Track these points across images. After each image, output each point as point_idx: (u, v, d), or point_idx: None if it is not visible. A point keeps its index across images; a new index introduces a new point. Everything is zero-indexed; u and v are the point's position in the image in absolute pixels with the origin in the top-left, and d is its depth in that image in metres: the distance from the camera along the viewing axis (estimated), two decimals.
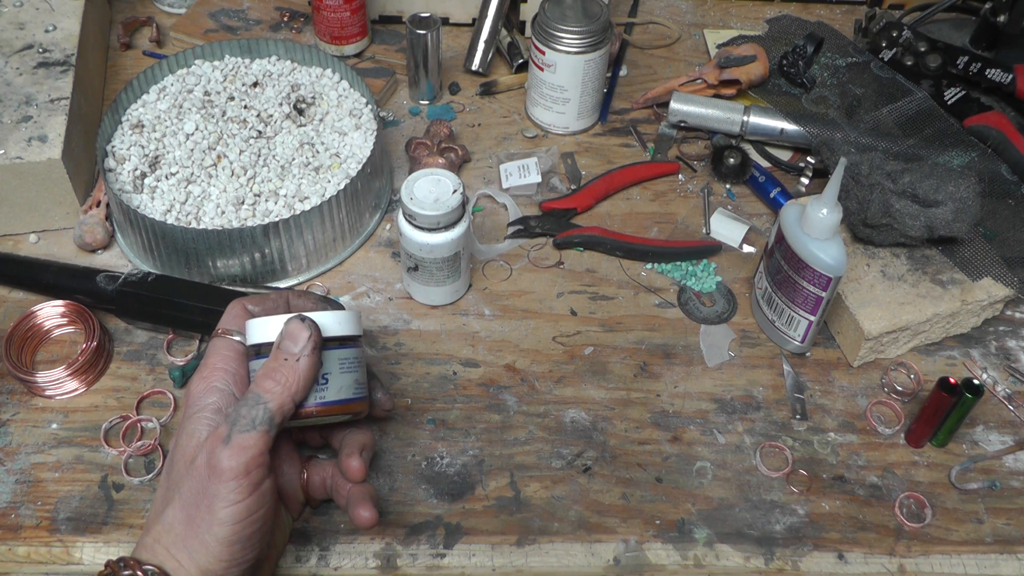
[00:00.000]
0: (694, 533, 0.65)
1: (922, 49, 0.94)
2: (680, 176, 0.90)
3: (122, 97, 0.83)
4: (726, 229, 0.84)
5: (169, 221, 0.76)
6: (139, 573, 0.51)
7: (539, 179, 0.86)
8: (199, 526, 0.51)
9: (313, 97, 0.86)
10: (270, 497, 0.54)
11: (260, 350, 0.57)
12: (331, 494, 0.61)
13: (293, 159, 0.81)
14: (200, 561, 0.51)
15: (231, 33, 1.00)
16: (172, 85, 0.86)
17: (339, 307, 0.64)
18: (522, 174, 0.87)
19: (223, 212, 0.77)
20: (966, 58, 0.93)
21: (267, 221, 0.76)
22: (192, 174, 0.79)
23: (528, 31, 1.00)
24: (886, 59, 0.95)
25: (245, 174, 0.79)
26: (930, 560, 0.64)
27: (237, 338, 0.58)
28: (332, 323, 0.57)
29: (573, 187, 0.88)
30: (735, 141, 0.91)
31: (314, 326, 0.55)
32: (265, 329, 0.57)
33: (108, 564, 0.52)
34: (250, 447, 0.52)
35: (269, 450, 0.53)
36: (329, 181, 0.80)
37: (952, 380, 0.66)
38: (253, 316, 0.59)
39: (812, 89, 0.94)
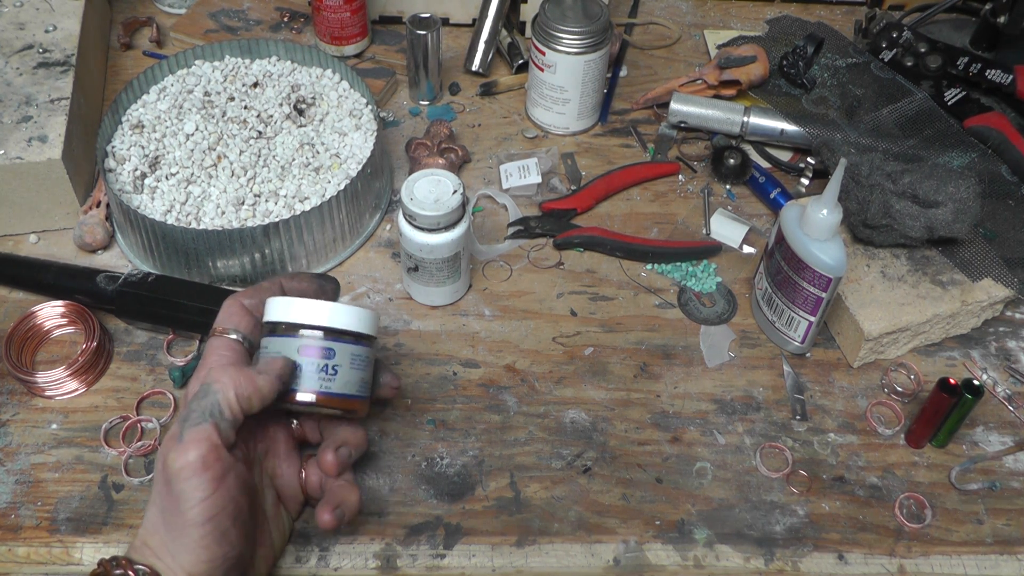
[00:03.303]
0: (694, 534, 0.64)
1: (922, 50, 0.94)
2: (680, 177, 0.90)
3: (122, 97, 0.83)
4: (726, 230, 0.84)
5: (169, 221, 0.76)
6: (130, 573, 0.51)
7: (539, 179, 0.86)
8: (175, 529, 0.51)
9: (313, 97, 0.86)
10: (238, 490, 0.53)
11: (275, 328, 0.58)
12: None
13: (293, 159, 0.81)
14: (183, 563, 0.51)
15: (231, 33, 1.00)
16: (172, 85, 0.86)
17: (334, 282, 0.65)
18: (522, 174, 0.87)
19: (223, 212, 0.77)
20: (966, 59, 0.93)
21: (267, 221, 0.76)
22: (192, 174, 0.79)
23: (528, 31, 1.00)
24: (886, 60, 0.95)
25: (245, 174, 0.79)
26: (930, 561, 0.64)
27: (234, 336, 0.58)
28: (351, 318, 0.58)
29: (573, 187, 0.88)
30: (735, 142, 0.91)
31: (290, 367, 0.56)
32: (285, 309, 0.57)
33: (101, 563, 0.52)
34: (202, 440, 0.51)
35: (227, 443, 0.53)
36: (329, 182, 0.80)
37: (952, 381, 0.66)
38: (250, 310, 0.59)
39: (812, 90, 0.94)
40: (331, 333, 0.58)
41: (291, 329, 0.57)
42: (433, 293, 0.76)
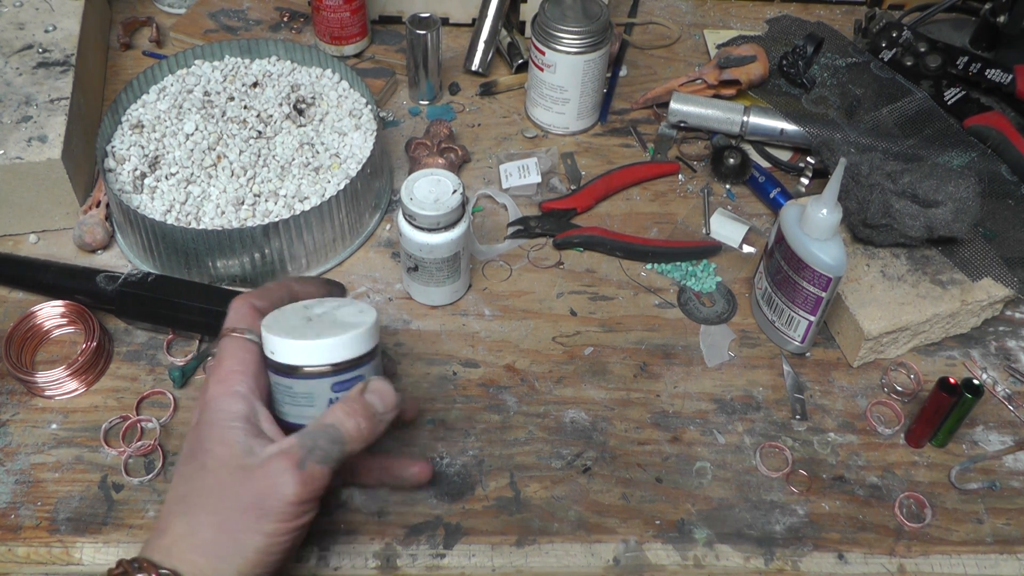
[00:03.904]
0: (694, 533, 0.64)
1: (922, 49, 0.94)
2: (680, 176, 0.90)
3: (122, 97, 0.83)
4: (726, 229, 0.84)
5: (169, 221, 0.76)
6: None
7: (539, 179, 0.86)
8: (238, 534, 0.51)
9: (313, 97, 0.86)
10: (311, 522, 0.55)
11: (293, 371, 0.55)
12: (352, 477, 0.63)
13: (293, 159, 0.81)
14: (226, 566, 0.51)
15: (231, 33, 1.00)
16: (172, 85, 0.86)
17: (341, 288, 0.64)
18: (522, 174, 0.87)
19: (223, 212, 0.77)
20: (966, 58, 0.93)
21: (267, 221, 0.76)
22: (192, 174, 0.79)
23: (528, 31, 1.00)
24: (886, 59, 0.95)
25: (245, 174, 0.79)
26: (930, 560, 0.64)
27: (250, 337, 0.57)
28: (369, 338, 0.57)
29: (573, 187, 0.88)
30: (735, 141, 0.91)
31: (399, 399, 0.57)
32: (306, 352, 0.55)
33: (120, 563, 0.51)
34: (319, 479, 0.52)
35: None
36: (329, 181, 0.80)
37: (952, 380, 0.66)
38: (260, 311, 0.58)
39: (812, 89, 0.94)
40: (356, 361, 0.57)
41: (318, 370, 0.56)
42: (433, 293, 0.76)
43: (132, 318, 0.73)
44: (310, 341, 0.55)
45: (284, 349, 0.55)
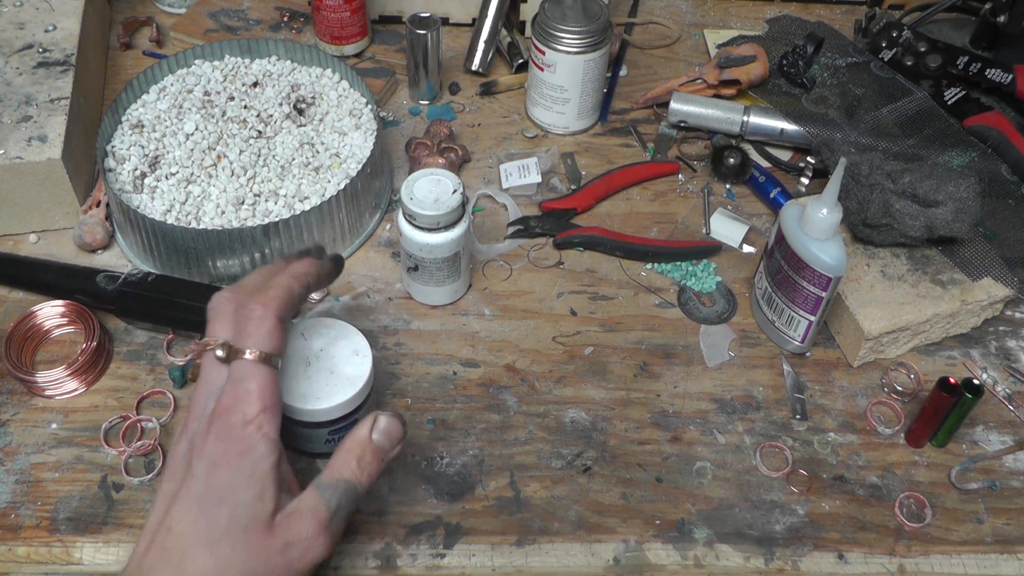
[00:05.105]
0: (694, 533, 0.64)
1: (922, 49, 0.94)
2: (680, 176, 0.90)
3: (122, 97, 0.83)
4: (726, 229, 0.84)
5: (169, 221, 0.76)
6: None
7: (539, 179, 0.86)
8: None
9: (313, 97, 0.86)
10: None
11: (291, 422, 0.61)
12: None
13: (293, 159, 0.81)
14: None
15: (231, 33, 1.00)
16: (172, 85, 0.86)
17: (340, 260, 0.64)
18: (522, 174, 0.87)
19: (223, 212, 0.77)
20: (966, 58, 0.93)
21: (267, 221, 0.76)
22: (192, 174, 0.79)
23: (528, 31, 1.00)
24: (886, 59, 0.95)
25: (245, 174, 0.79)
26: (930, 560, 0.64)
27: (276, 364, 0.54)
28: (361, 393, 0.62)
29: (573, 187, 0.88)
30: (735, 141, 0.91)
31: (406, 430, 0.57)
32: (295, 411, 0.60)
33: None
34: (338, 534, 0.55)
35: None
36: (329, 181, 0.80)
37: (952, 380, 0.66)
38: (285, 326, 0.57)
39: (812, 89, 0.94)
40: (351, 414, 0.62)
41: (314, 424, 0.61)
42: (433, 293, 0.76)
43: (132, 318, 0.73)
44: (309, 407, 0.59)
45: (284, 405, 0.58)
